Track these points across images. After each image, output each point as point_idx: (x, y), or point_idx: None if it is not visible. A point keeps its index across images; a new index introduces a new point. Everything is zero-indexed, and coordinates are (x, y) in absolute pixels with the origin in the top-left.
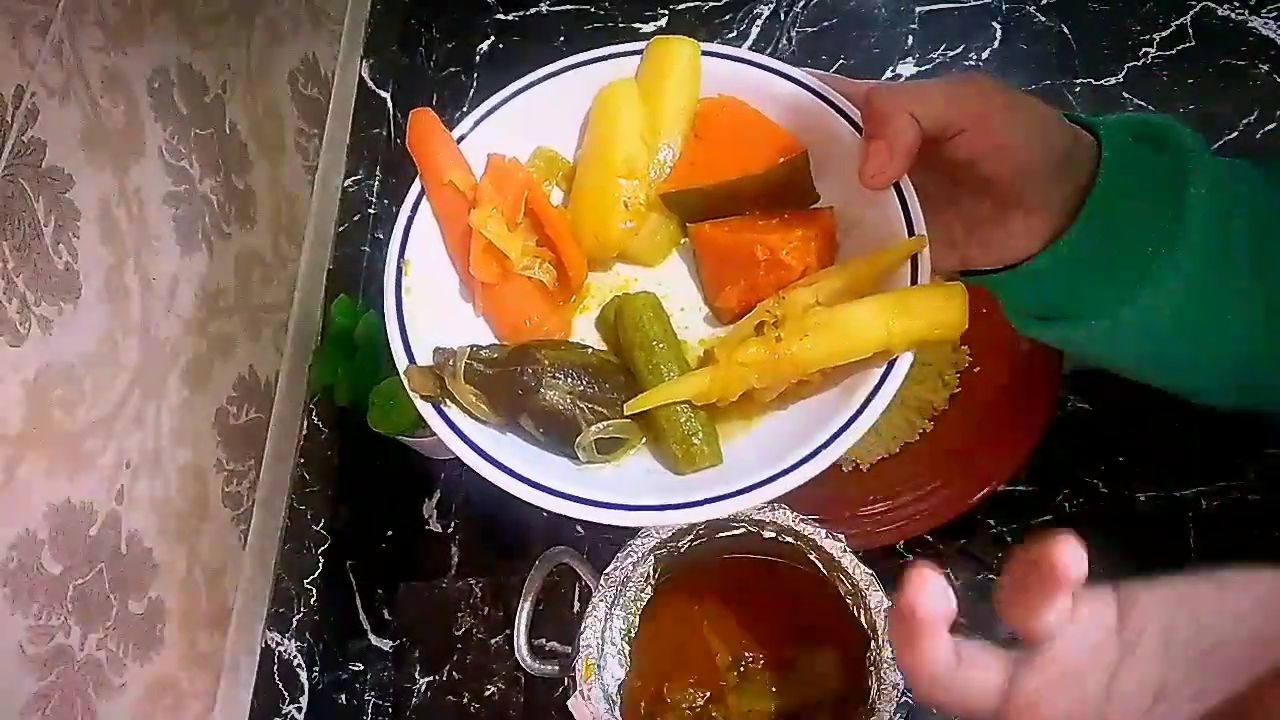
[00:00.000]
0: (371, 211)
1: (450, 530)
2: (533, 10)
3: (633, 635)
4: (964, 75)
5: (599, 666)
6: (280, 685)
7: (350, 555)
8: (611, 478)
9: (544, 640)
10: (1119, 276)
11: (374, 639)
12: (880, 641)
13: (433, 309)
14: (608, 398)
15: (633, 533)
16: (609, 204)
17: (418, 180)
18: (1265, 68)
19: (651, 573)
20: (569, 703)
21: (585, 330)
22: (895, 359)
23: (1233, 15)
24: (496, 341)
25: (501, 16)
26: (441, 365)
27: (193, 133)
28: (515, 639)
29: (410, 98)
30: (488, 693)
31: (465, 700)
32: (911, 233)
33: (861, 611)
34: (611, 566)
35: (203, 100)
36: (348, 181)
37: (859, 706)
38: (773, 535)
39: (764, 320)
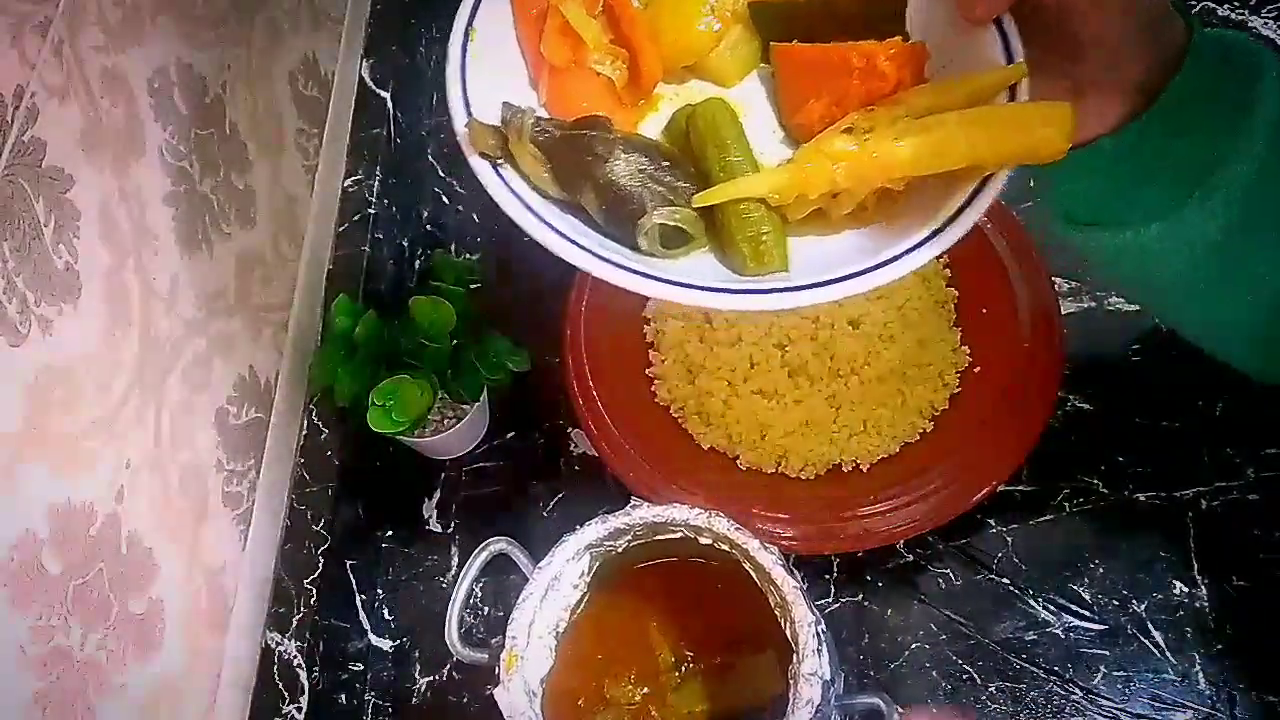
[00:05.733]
0: (371, 211)
1: (450, 530)
2: None
3: (560, 630)
4: None
5: (522, 658)
6: (280, 685)
7: (350, 555)
8: (669, 269)
9: (484, 632)
10: (1175, 177)
11: (374, 639)
12: (801, 655)
13: (491, 87)
14: (677, 186)
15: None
16: (694, 4)
17: None
18: None
19: (587, 570)
20: (494, 692)
21: (651, 135)
22: (988, 178)
23: (1233, 15)
24: None
25: None
26: (507, 122)
27: (193, 133)
28: (447, 624)
29: (410, 98)
30: (488, 693)
31: (465, 700)
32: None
33: (787, 624)
34: (545, 560)
35: (203, 100)
36: (348, 181)
37: (781, 715)
38: (709, 542)
39: (853, 125)
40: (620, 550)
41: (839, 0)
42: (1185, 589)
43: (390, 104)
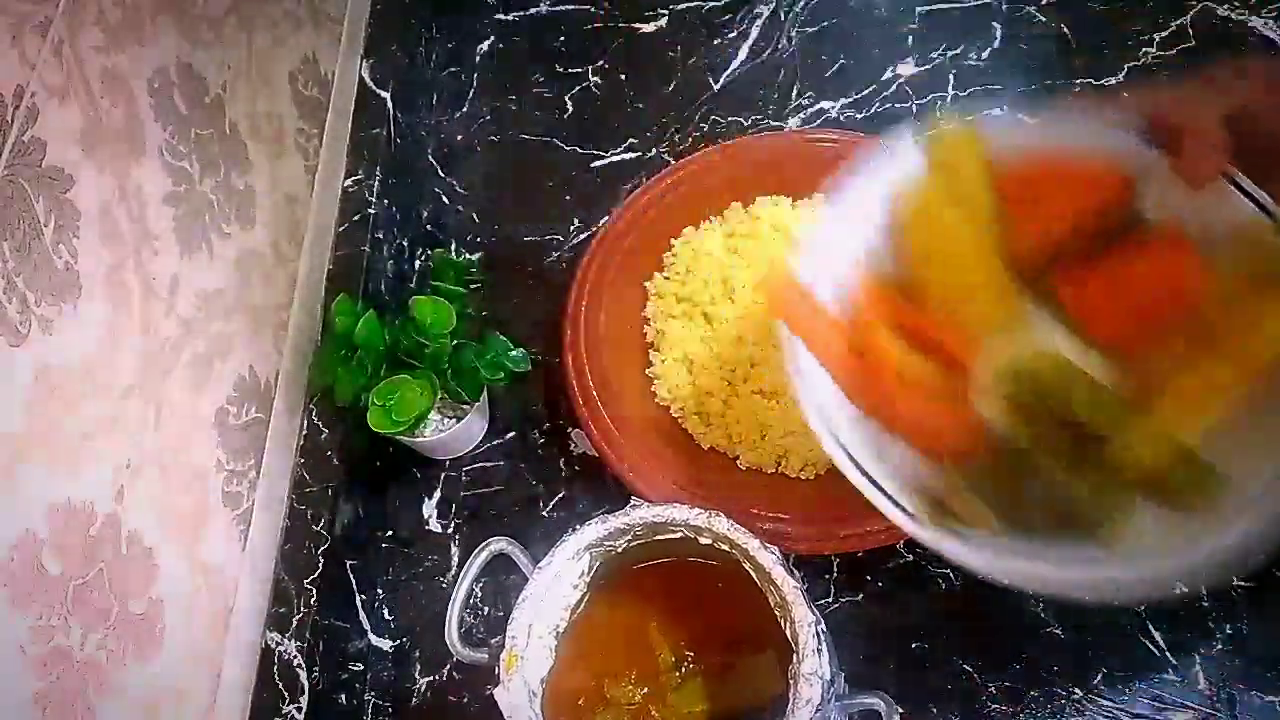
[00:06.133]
0: (371, 211)
1: (450, 530)
2: (533, 10)
3: (560, 630)
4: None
5: (522, 658)
6: (280, 685)
7: (350, 555)
8: (1133, 546)
9: (484, 632)
10: None
11: (374, 639)
12: (801, 655)
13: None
14: (1091, 457)
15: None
16: (968, 298)
17: (790, 336)
18: None
19: (587, 569)
20: (494, 692)
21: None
22: None
23: (1233, 15)
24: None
25: (501, 16)
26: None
27: (193, 133)
28: (447, 624)
29: (410, 98)
30: (488, 693)
31: (465, 700)
32: (1267, 210)
33: (787, 624)
34: (545, 560)
35: (203, 100)
36: (348, 181)
37: (780, 714)
38: (709, 542)
39: (1209, 335)
40: (620, 550)
41: (1081, 225)
42: (1185, 589)
43: (390, 104)
